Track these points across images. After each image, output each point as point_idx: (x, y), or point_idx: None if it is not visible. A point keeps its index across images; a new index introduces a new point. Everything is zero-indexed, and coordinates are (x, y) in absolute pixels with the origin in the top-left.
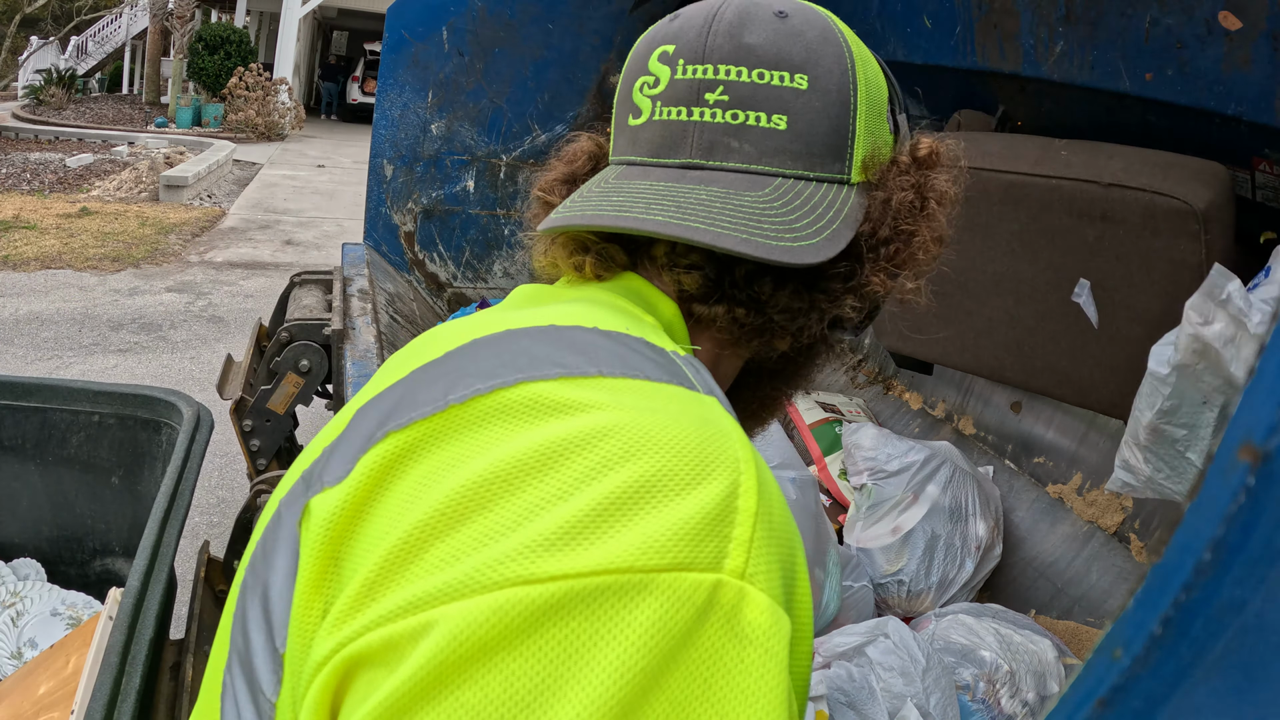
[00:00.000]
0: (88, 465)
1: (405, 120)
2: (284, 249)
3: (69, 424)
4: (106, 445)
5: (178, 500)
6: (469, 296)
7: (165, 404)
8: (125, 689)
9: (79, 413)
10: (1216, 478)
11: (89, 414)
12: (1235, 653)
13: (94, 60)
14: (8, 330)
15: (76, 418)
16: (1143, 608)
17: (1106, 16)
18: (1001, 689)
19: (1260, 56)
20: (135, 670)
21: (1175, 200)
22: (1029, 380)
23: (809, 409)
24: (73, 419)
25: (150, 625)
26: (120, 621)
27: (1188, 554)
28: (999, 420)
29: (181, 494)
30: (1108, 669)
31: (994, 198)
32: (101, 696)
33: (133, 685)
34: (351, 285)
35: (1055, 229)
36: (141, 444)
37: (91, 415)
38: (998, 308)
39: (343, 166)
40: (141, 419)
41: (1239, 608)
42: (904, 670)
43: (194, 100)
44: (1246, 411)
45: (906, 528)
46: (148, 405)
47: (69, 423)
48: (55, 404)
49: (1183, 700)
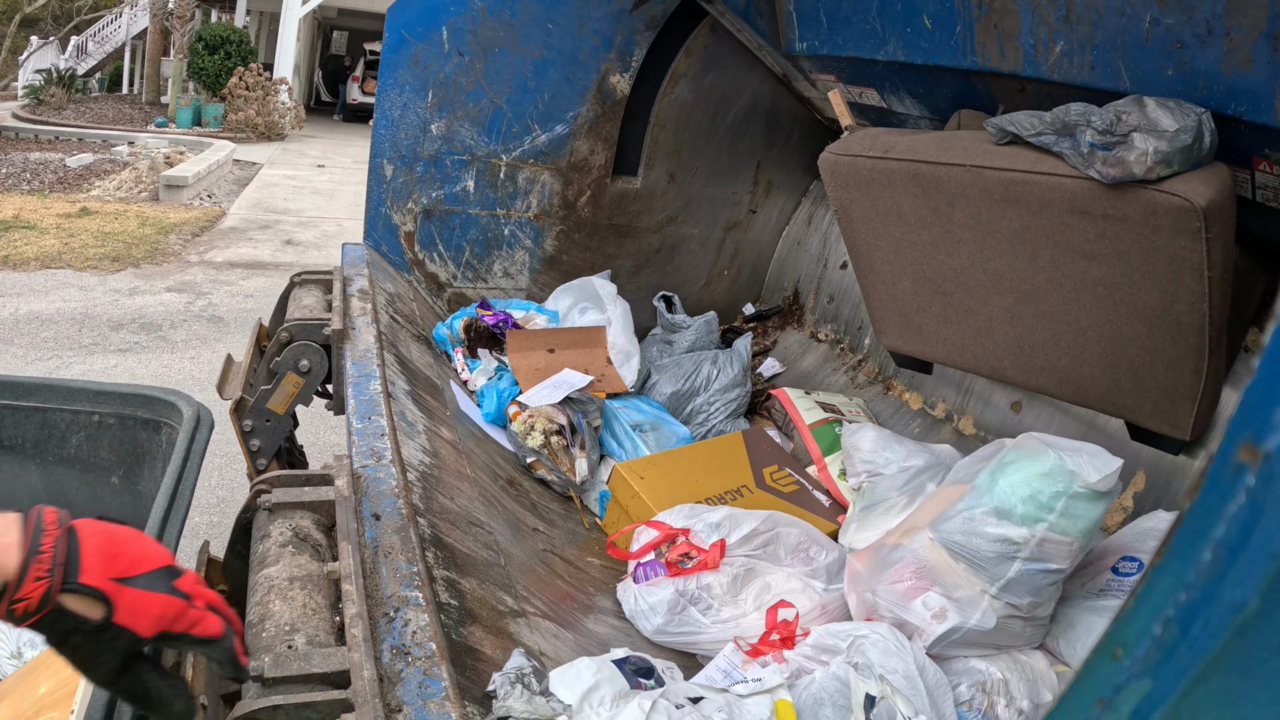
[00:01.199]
0: (88, 465)
1: (405, 120)
2: (284, 249)
3: (69, 424)
4: (106, 445)
5: (178, 499)
6: (469, 296)
7: (165, 404)
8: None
9: (79, 412)
10: (1216, 478)
11: (89, 414)
12: (1235, 653)
13: (94, 60)
14: (8, 330)
15: (76, 417)
16: (1143, 608)
17: (1106, 16)
18: (997, 698)
19: (1260, 56)
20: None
21: (1176, 198)
22: (1029, 380)
23: (809, 409)
24: (73, 419)
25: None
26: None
27: (1188, 554)
28: (999, 420)
29: (181, 493)
30: (1108, 669)
31: (994, 195)
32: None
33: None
34: (351, 285)
35: (1056, 227)
36: (141, 443)
37: (91, 415)
38: (998, 306)
39: (343, 166)
40: (141, 419)
41: (1239, 608)
42: (906, 674)
43: (194, 100)
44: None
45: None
46: (148, 405)
47: (69, 422)
48: (55, 404)
49: (1183, 700)
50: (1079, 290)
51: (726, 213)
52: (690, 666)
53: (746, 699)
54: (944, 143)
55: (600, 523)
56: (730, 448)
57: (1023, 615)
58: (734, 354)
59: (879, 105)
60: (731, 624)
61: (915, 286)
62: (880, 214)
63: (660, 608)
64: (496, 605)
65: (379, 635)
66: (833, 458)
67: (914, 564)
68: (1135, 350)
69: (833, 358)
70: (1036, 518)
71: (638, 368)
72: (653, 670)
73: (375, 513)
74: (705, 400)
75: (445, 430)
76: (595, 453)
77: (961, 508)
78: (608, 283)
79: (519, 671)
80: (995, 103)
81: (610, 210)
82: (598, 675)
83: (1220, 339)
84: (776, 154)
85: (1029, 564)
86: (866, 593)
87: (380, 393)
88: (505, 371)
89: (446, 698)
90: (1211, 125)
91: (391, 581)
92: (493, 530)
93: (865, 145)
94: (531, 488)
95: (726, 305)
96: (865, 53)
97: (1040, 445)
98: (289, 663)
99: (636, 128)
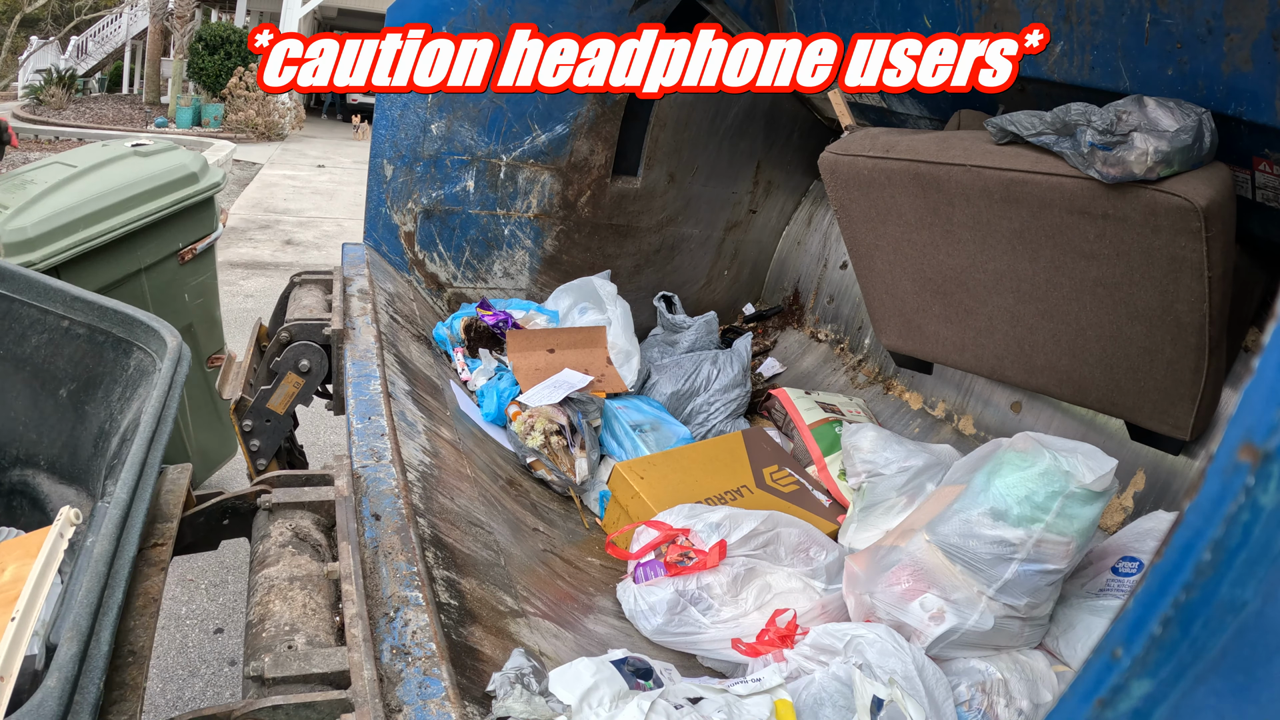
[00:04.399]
0: (39, 370)
1: (405, 120)
2: (284, 249)
3: (34, 321)
4: (67, 354)
5: (162, 425)
6: (469, 296)
7: (145, 328)
8: (108, 603)
9: (49, 313)
10: (1216, 478)
11: (59, 316)
12: (1235, 653)
13: (94, 60)
14: None
15: (45, 317)
16: (1143, 608)
17: (1106, 16)
18: (997, 698)
19: (1260, 56)
20: (118, 584)
21: (1177, 198)
22: (1029, 380)
23: (809, 409)
24: (40, 317)
25: (134, 541)
26: (107, 531)
27: (1188, 554)
28: (999, 420)
29: (164, 421)
30: (1108, 669)
31: (994, 195)
32: (88, 606)
33: (115, 599)
34: (351, 285)
35: (1056, 227)
36: (105, 362)
37: (61, 319)
38: (998, 306)
39: (343, 166)
40: (115, 337)
41: (1239, 608)
42: (905, 674)
43: (194, 100)
44: (1246, 411)
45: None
46: (125, 325)
47: (34, 320)
48: (26, 297)
49: (1183, 700)
50: (1079, 290)
51: (726, 213)
52: (690, 667)
53: (746, 699)
54: (944, 143)
55: (600, 523)
56: (730, 448)
57: (1021, 615)
58: (734, 354)
59: (879, 105)
60: (731, 624)
61: (915, 286)
62: (880, 214)
63: (660, 608)
64: (496, 605)
65: (379, 635)
66: (833, 458)
67: (911, 566)
68: (1135, 350)
69: (833, 358)
70: (1033, 518)
71: (638, 368)
72: (651, 671)
73: (375, 513)
74: (705, 400)
75: (445, 430)
76: (595, 453)
77: (957, 509)
78: (608, 283)
79: (519, 671)
80: (995, 103)
81: (610, 210)
82: (597, 676)
83: (1220, 339)
84: (776, 154)
85: (1026, 565)
86: (864, 595)
87: (380, 393)
88: (505, 371)
89: (446, 698)
90: (1211, 125)
91: (391, 581)
92: (493, 530)
93: (865, 145)
94: (531, 488)
95: (726, 305)
96: None
97: (1035, 446)
98: (289, 663)
99: (636, 128)
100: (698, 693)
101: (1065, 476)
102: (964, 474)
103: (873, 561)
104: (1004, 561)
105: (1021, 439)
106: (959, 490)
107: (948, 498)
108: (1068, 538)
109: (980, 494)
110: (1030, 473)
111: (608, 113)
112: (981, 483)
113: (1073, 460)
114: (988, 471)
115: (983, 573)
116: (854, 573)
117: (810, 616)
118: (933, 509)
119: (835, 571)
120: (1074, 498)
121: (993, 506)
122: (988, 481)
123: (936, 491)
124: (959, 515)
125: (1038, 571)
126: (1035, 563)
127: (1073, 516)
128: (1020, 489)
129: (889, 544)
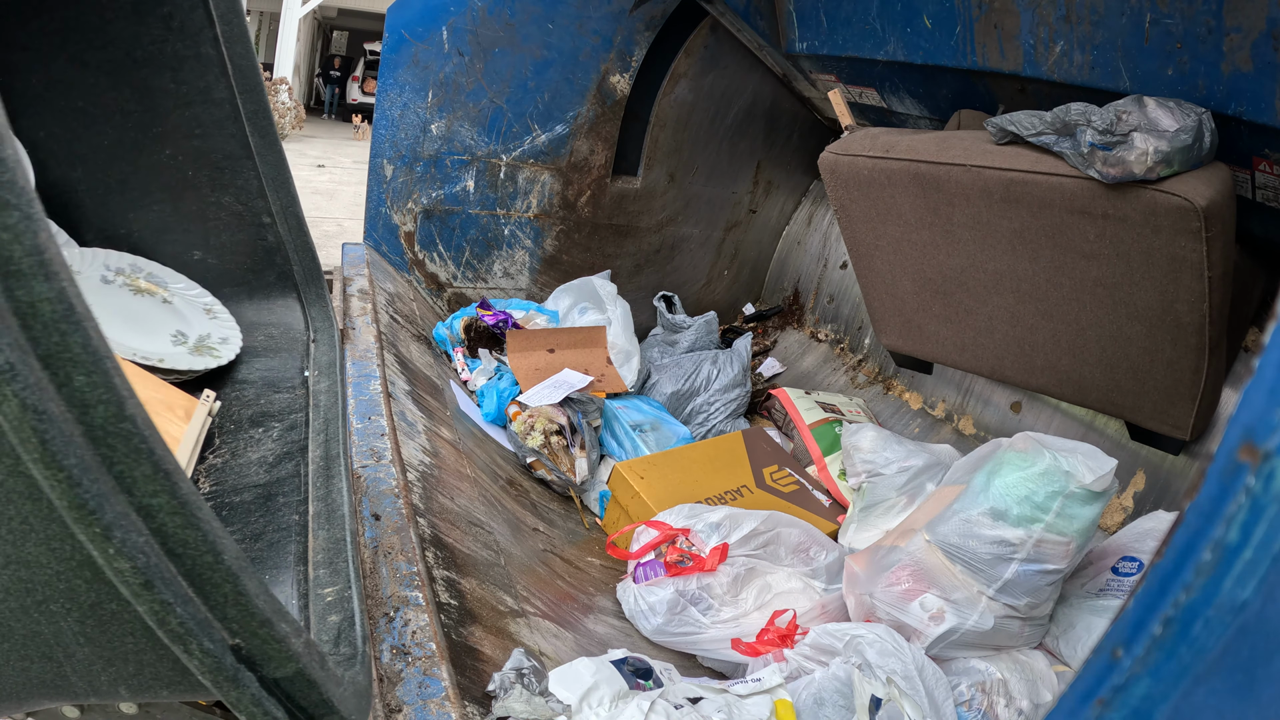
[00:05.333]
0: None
1: (405, 120)
2: None
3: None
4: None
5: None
6: (469, 296)
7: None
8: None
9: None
10: (1216, 478)
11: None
12: (1235, 653)
13: None
14: None
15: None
16: (1143, 608)
17: (1106, 16)
18: (997, 698)
19: (1260, 56)
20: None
21: (1177, 198)
22: (1029, 380)
23: (809, 409)
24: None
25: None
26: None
27: (1188, 554)
28: (999, 420)
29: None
30: (1108, 669)
31: (994, 195)
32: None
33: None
34: (351, 285)
35: (1056, 227)
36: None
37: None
38: (998, 306)
39: (343, 166)
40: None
41: (1239, 608)
42: (905, 674)
43: None
44: (1246, 411)
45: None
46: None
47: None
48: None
49: (1183, 700)
50: (1079, 290)
51: (726, 213)
52: (690, 667)
53: (746, 699)
54: (944, 143)
55: (600, 523)
56: (730, 448)
57: (1021, 615)
58: (734, 354)
59: (879, 105)
60: (731, 624)
61: (915, 286)
62: (880, 214)
63: (660, 607)
64: (496, 605)
65: (379, 635)
66: (833, 458)
67: (911, 566)
68: (1135, 350)
69: (833, 358)
70: (1032, 518)
71: (638, 368)
72: (651, 671)
73: (375, 513)
74: (705, 400)
75: (445, 430)
76: (595, 453)
77: (957, 509)
78: (608, 283)
79: (519, 671)
80: (995, 103)
81: (610, 210)
82: (596, 675)
83: (1220, 339)
84: (776, 154)
85: (1026, 565)
86: (864, 595)
87: (380, 393)
88: (505, 371)
89: (446, 698)
90: (1211, 125)
91: (391, 581)
92: (493, 530)
93: (865, 145)
94: (531, 488)
95: (726, 305)
96: (865, 53)
97: (1035, 446)
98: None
99: (636, 128)
100: (698, 693)
101: (1065, 476)
102: (964, 474)
103: (873, 561)
104: (1004, 561)
105: (1021, 439)
106: (959, 490)
107: (948, 498)
108: (1068, 538)
109: (980, 494)
110: (1030, 473)
111: (608, 113)
112: (981, 483)
113: (1073, 460)
114: (988, 471)
115: (983, 573)
116: (854, 573)
117: (810, 616)
118: (933, 509)
119: (835, 571)
120: (1074, 498)
121: (993, 506)
122: (988, 481)
123: (936, 491)
124: (959, 515)
125: (1038, 571)
126: (1035, 563)
127: (1073, 516)
128: (1020, 489)
129: (889, 544)
